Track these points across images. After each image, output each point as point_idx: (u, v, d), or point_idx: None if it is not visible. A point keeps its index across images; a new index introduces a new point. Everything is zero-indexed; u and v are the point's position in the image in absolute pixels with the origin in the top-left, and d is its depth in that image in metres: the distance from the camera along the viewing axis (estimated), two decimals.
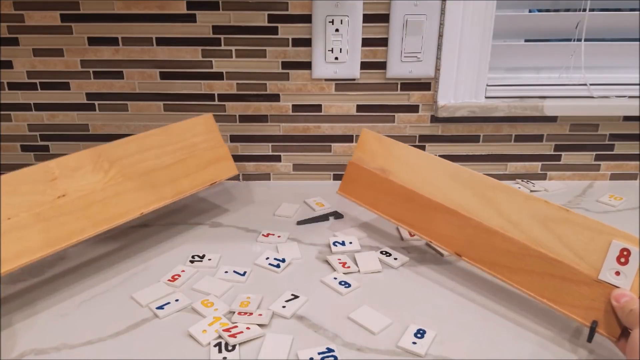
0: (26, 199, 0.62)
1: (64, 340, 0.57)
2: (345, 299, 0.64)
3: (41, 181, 0.64)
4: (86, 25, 0.87)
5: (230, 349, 0.55)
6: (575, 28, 0.91)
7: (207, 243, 0.77)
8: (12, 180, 0.62)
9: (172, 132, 0.77)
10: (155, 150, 0.75)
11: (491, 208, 0.63)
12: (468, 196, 0.65)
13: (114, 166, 0.70)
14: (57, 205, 0.64)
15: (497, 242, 0.62)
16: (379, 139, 0.76)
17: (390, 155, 0.74)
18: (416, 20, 0.87)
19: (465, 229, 0.65)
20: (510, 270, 0.61)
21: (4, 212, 0.60)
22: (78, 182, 0.66)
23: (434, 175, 0.69)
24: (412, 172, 0.71)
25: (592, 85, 0.92)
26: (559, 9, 0.98)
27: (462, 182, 0.66)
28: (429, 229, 0.68)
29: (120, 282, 0.67)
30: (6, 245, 0.58)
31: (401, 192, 0.71)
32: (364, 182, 0.76)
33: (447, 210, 0.67)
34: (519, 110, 0.91)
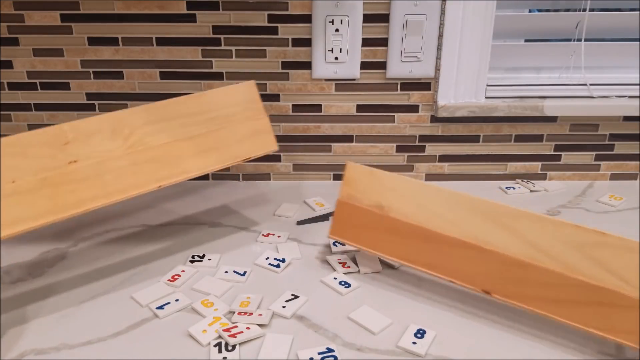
0: (34, 162, 0.58)
1: (64, 340, 0.57)
2: (345, 299, 0.64)
3: (52, 144, 0.59)
4: (86, 25, 0.87)
5: (230, 349, 0.55)
6: (575, 28, 0.91)
7: (207, 243, 0.77)
8: (20, 141, 0.58)
9: (205, 100, 0.70)
10: (182, 119, 0.68)
11: (516, 238, 0.58)
12: (487, 227, 0.60)
13: (134, 133, 0.64)
14: (67, 171, 0.60)
15: (530, 275, 0.57)
16: (369, 172, 0.68)
17: (385, 189, 0.67)
18: (416, 20, 0.87)
19: (489, 264, 0.59)
20: (549, 302, 0.56)
21: (9, 174, 0.56)
22: (93, 148, 0.62)
23: (443, 207, 0.62)
24: (416, 206, 0.64)
25: (592, 85, 0.92)
26: (559, 9, 0.98)
27: (478, 212, 0.60)
28: (447, 268, 0.62)
29: (120, 282, 0.67)
30: (8, 210, 0.55)
31: (407, 230, 0.64)
32: (358, 221, 0.68)
33: (466, 244, 0.60)
34: (519, 110, 0.91)
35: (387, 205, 0.66)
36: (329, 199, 0.91)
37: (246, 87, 0.74)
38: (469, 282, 0.61)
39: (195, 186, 0.96)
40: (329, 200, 0.90)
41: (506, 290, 0.59)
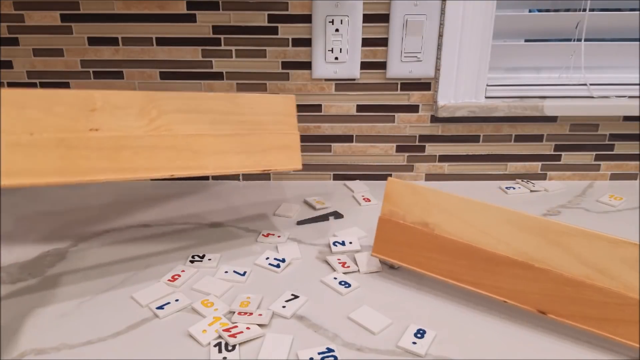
0: (56, 120, 0.57)
1: (64, 340, 0.57)
2: (345, 299, 0.64)
3: (79, 108, 0.59)
4: (86, 25, 0.87)
5: (230, 349, 0.55)
6: (575, 28, 0.91)
7: (207, 243, 0.77)
8: (48, 96, 0.57)
9: (241, 102, 0.69)
10: (214, 115, 0.67)
11: (570, 256, 0.56)
12: (538, 244, 0.58)
13: (162, 117, 0.63)
14: (86, 137, 0.59)
15: (586, 294, 0.55)
16: (412, 188, 0.66)
17: (430, 206, 0.65)
18: (416, 20, 0.87)
19: (543, 283, 0.58)
20: (609, 322, 0.55)
21: (29, 126, 0.55)
22: (117, 121, 0.61)
23: (491, 224, 0.61)
24: (463, 223, 0.62)
25: (592, 85, 0.92)
26: (559, 9, 0.98)
27: (528, 229, 0.59)
28: (498, 287, 0.60)
29: (120, 282, 0.67)
30: (18, 160, 0.54)
31: (454, 248, 0.63)
32: (402, 239, 0.66)
33: (516, 263, 0.59)
34: (519, 110, 0.91)
35: (433, 222, 0.64)
36: (329, 198, 0.91)
37: (285, 100, 0.73)
38: (522, 301, 0.59)
39: (195, 186, 0.96)
40: (329, 199, 0.90)
41: (561, 311, 0.57)
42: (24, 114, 0.56)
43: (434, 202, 0.65)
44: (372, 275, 0.69)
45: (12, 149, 0.55)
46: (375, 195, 0.92)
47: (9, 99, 0.56)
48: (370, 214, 0.86)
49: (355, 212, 0.87)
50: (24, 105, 0.56)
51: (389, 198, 0.67)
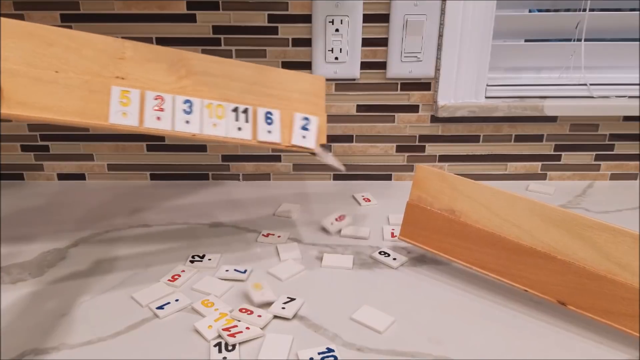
0: (83, 62, 0.58)
1: (64, 340, 0.57)
2: (345, 298, 0.64)
3: (108, 53, 0.59)
4: (86, 25, 0.87)
5: (230, 348, 0.55)
6: (575, 28, 0.91)
7: (207, 243, 0.77)
8: (79, 38, 0.58)
9: (271, 76, 0.68)
10: (242, 84, 0.66)
11: (593, 250, 0.57)
12: (563, 237, 0.59)
13: (190, 76, 0.63)
14: (110, 83, 0.59)
15: (607, 289, 0.56)
16: (441, 176, 0.68)
17: (458, 194, 0.66)
18: (416, 20, 0.87)
19: (564, 275, 0.58)
20: (629, 317, 0.55)
21: (56, 63, 0.56)
22: (145, 73, 0.61)
23: (517, 214, 0.62)
24: (489, 213, 0.64)
25: (592, 85, 0.92)
26: (559, 9, 0.98)
27: (553, 221, 0.59)
28: (521, 276, 0.62)
29: (120, 282, 0.67)
30: (38, 94, 0.55)
31: (479, 236, 0.64)
32: (429, 225, 0.68)
33: (541, 254, 0.60)
34: (519, 110, 0.91)
35: (459, 209, 0.66)
36: (328, 197, 0.91)
37: (314, 80, 0.72)
38: (543, 291, 0.60)
39: (195, 186, 0.96)
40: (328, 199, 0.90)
41: (582, 303, 0.58)
42: (51, 51, 0.57)
43: (462, 190, 0.66)
44: (371, 274, 0.69)
45: (34, 83, 0.55)
46: (375, 196, 0.92)
47: (38, 34, 0.56)
48: (370, 214, 0.86)
49: (356, 212, 0.87)
50: (52, 42, 0.57)
51: (418, 184, 0.69)
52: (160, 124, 0.60)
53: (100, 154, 0.97)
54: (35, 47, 0.56)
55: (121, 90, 0.58)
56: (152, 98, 0.59)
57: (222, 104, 0.63)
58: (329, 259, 0.72)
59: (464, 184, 0.66)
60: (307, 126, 0.68)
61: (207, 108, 0.62)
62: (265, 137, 0.66)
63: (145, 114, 0.59)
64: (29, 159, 0.97)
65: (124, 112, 0.58)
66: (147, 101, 0.59)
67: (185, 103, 0.61)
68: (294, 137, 0.68)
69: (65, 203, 0.90)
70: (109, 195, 0.93)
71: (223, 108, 0.63)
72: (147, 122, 0.59)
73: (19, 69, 0.55)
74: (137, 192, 0.94)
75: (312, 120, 0.69)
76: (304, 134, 0.68)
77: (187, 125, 0.61)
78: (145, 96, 0.59)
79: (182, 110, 0.61)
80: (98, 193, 0.94)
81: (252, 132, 0.65)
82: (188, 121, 0.61)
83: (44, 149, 0.96)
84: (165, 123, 0.60)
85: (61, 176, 0.99)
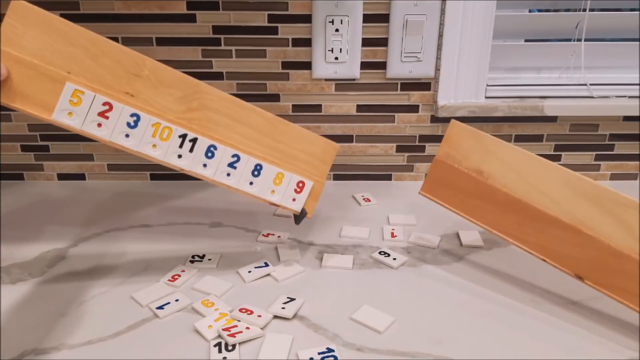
0: (97, 71, 0.57)
1: (64, 340, 0.57)
2: (345, 298, 0.64)
3: (125, 68, 0.58)
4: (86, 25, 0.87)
5: (230, 348, 0.55)
6: (575, 28, 0.91)
7: (207, 243, 0.77)
8: (101, 45, 0.57)
9: (283, 130, 0.67)
10: (250, 131, 0.65)
11: (621, 228, 0.55)
12: (591, 211, 0.57)
13: (201, 110, 0.62)
14: (118, 97, 0.59)
15: (629, 268, 0.55)
16: (474, 134, 0.66)
17: (489, 155, 0.64)
18: (416, 20, 0.87)
19: (586, 249, 0.57)
20: None
21: (70, 65, 0.56)
22: (156, 96, 0.60)
23: (547, 183, 0.60)
24: (518, 177, 0.62)
25: (592, 85, 0.92)
26: (559, 9, 0.98)
27: (584, 194, 0.58)
28: (541, 245, 0.60)
29: (120, 282, 0.67)
30: (42, 90, 0.55)
31: (504, 200, 0.62)
32: (454, 183, 0.66)
33: (566, 226, 0.58)
34: (519, 110, 0.91)
35: (487, 171, 0.64)
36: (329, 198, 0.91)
37: (327, 145, 0.69)
38: (562, 263, 0.59)
39: (195, 186, 0.96)
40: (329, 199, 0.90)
41: (600, 279, 0.57)
42: (70, 50, 0.56)
43: (493, 150, 0.64)
44: (370, 274, 0.69)
45: (42, 78, 0.55)
46: (375, 196, 0.92)
47: (62, 30, 0.56)
48: (370, 214, 0.86)
49: (356, 212, 0.87)
50: (74, 42, 0.56)
51: (448, 140, 0.67)
52: (98, 131, 0.59)
53: (100, 154, 0.97)
54: (55, 42, 0.55)
55: (75, 88, 0.57)
56: (100, 104, 0.58)
57: (171, 127, 0.61)
58: (328, 259, 0.72)
59: (497, 145, 0.64)
60: (300, 189, 0.68)
61: (153, 127, 0.60)
62: (246, 187, 0.66)
63: (88, 118, 0.58)
64: (29, 159, 0.97)
65: (71, 111, 0.57)
66: (95, 105, 0.58)
67: (131, 116, 0.59)
68: (282, 197, 0.67)
69: (65, 203, 0.90)
70: (109, 195, 0.93)
71: (170, 131, 0.61)
72: (86, 126, 0.58)
73: (32, 61, 0.54)
74: (137, 192, 0.94)
75: (307, 185, 0.68)
76: (295, 197, 0.68)
77: (125, 139, 0.60)
78: (94, 100, 0.58)
79: (125, 122, 0.59)
80: (98, 193, 0.94)
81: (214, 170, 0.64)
82: (128, 135, 0.60)
83: (44, 149, 0.96)
84: (104, 132, 0.59)
85: (61, 176, 0.99)
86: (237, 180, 0.65)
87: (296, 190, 0.68)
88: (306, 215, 0.69)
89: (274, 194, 0.67)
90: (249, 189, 0.66)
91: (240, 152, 0.64)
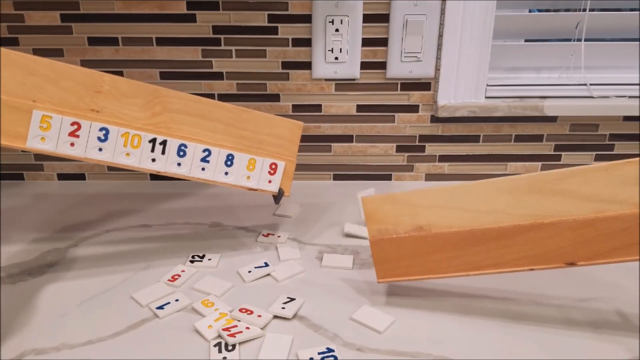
0: (60, 94, 0.59)
1: (64, 340, 0.57)
2: (345, 299, 0.64)
3: (86, 86, 0.61)
4: (86, 25, 0.87)
5: (230, 348, 0.55)
6: (575, 28, 0.91)
7: (207, 243, 0.77)
8: (60, 70, 0.59)
9: (246, 118, 0.69)
10: (216, 124, 0.67)
11: (573, 199, 0.55)
12: (539, 201, 0.56)
13: (165, 113, 0.64)
14: (85, 116, 0.61)
15: (604, 228, 0.54)
16: (388, 199, 0.62)
17: (415, 208, 0.61)
18: (416, 20, 0.87)
19: (559, 236, 0.56)
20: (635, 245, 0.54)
21: (34, 93, 0.58)
22: (120, 108, 0.62)
23: (484, 200, 0.58)
24: (456, 211, 0.59)
25: (592, 85, 0.92)
26: (559, 9, 0.98)
27: (522, 191, 0.57)
28: (519, 258, 0.58)
29: (120, 282, 0.67)
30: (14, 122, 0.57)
31: (460, 239, 0.59)
32: (403, 253, 0.62)
33: (527, 227, 0.57)
34: (519, 110, 0.91)
35: (425, 222, 0.61)
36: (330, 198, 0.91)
37: (291, 125, 0.72)
38: (548, 262, 0.57)
39: (194, 186, 0.96)
40: (328, 199, 0.90)
41: (588, 253, 0.56)
42: (31, 80, 0.58)
43: (418, 202, 0.61)
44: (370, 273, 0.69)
45: (10, 111, 0.57)
46: None
47: (20, 63, 0.57)
48: None
49: (356, 212, 0.87)
50: (33, 72, 0.58)
51: (370, 217, 0.63)
52: (73, 150, 0.61)
53: None
54: (16, 75, 0.57)
55: (42, 114, 0.59)
56: (69, 124, 0.60)
57: (139, 134, 0.63)
58: (328, 259, 0.72)
59: (418, 196, 0.61)
60: (273, 171, 0.71)
61: (122, 137, 0.62)
62: (222, 178, 0.68)
63: (59, 140, 0.60)
64: (29, 159, 0.97)
65: (43, 136, 0.59)
66: (64, 127, 0.60)
67: (100, 131, 0.62)
68: (258, 181, 0.70)
69: (65, 203, 0.90)
70: (109, 195, 0.93)
71: (140, 138, 0.63)
72: (60, 148, 0.60)
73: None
74: (137, 192, 0.94)
75: (280, 166, 0.71)
76: (270, 179, 0.71)
77: (99, 153, 0.62)
78: (62, 122, 0.60)
79: (96, 137, 0.62)
80: (98, 193, 0.94)
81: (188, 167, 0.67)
82: (101, 149, 0.62)
83: None
84: (78, 150, 0.61)
85: (61, 176, 0.99)
86: (213, 173, 0.68)
87: (270, 173, 0.71)
88: (284, 194, 0.72)
89: (249, 179, 0.70)
90: (225, 179, 0.68)
91: (210, 146, 0.67)
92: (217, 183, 0.68)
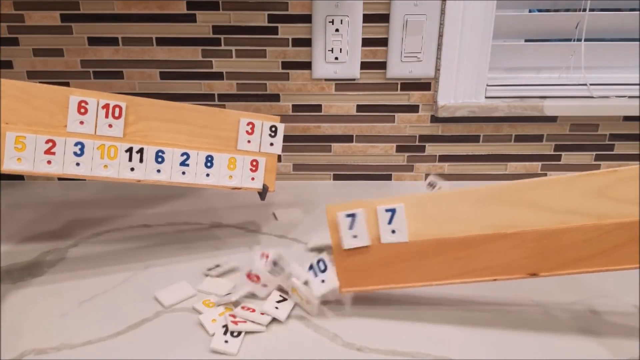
0: (34, 113, 0.59)
1: (64, 340, 0.57)
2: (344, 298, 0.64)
3: (58, 104, 0.61)
4: (86, 25, 0.87)
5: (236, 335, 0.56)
6: (575, 28, 0.91)
7: (207, 243, 0.77)
8: (29, 89, 0.59)
9: (222, 118, 0.69)
10: (192, 127, 0.67)
11: (536, 210, 0.56)
12: (503, 212, 0.56)
13: (138, 122, 0.64)
14: (59, 132, 0.61)
15: (566, 239, 0.55)
16: (354, 207, 0.60)
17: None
18: (416, 20, 0.87)
19: (523, 246, 0.56)
20: (598, 257, 0.55)
21: (6, 115, 0.58)
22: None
23: (448, 210, 0.58)
24: (420, 221, 0.58)
25: (592, 85, 0.92)
26: (559, 9, 0.98)
27: (486, 201, 0.57)
28: (482, 268, 0.58)
29: (120, 282, 0.67)
30: None
31: (423, 248, 0.58)
32: (365, 263, 0.60)
33: (490, 237, 0.57)
34: (519, 110, 0.91)
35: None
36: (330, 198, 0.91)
37: (271, 120, 0.72)
38: (510, 272, 0.57)
39: None
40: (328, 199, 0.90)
41: (550, 264, 0.56)
42: (2, 102, 0.58)
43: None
44: None
45: None
46: (375, 196, 0.92)
47: None
48: None
49: None
50: (4, 94, 0.58)
51: (335, 227, 0.61)
52: (50, 168, 0.61)
53: None
54: None
55: (16, 135, 0.59)
56: (44, 142, 0.60)
57: (115, 145, 0.64)
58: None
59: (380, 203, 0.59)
60: (255, 168, 0.71)
61: (99, 149, 0.63)
62: (204, 180, 0.68)
63: (36, 159, 0.60)
64: None
65: (19, 157, 0.59)
66: (39, 146, 0.60)
67: (76, 145, 0.62)
68: (241, 179, 0.70)
69: (65, 203, 0.90)
70: (109, 195, 0.93)
71: (116, 149, 0.64)
72: (37, 167, 0.60)
73: None
74: (137, 192, 0.94)
75: (261, 162, 0.71)
76: (253, 176, 0.71)
77: (76, 168, 0.62)
78: (37, 141, 0.60)
79: (72, 152, 0.62)
80: (98, 193, 0.94)
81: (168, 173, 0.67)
82: (78, 163, 0.62)
83: None
84: (56, 166, 0.61)
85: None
86: (194, 176, 0.68)
87: (252, 170, 0.70)
88: (269, 190, 0.72)
89: (232, 179, 0.70)
90: (207, 180, 0.68)
91: (188, 150, 0.67)
92: (199, 186, 0.68)
